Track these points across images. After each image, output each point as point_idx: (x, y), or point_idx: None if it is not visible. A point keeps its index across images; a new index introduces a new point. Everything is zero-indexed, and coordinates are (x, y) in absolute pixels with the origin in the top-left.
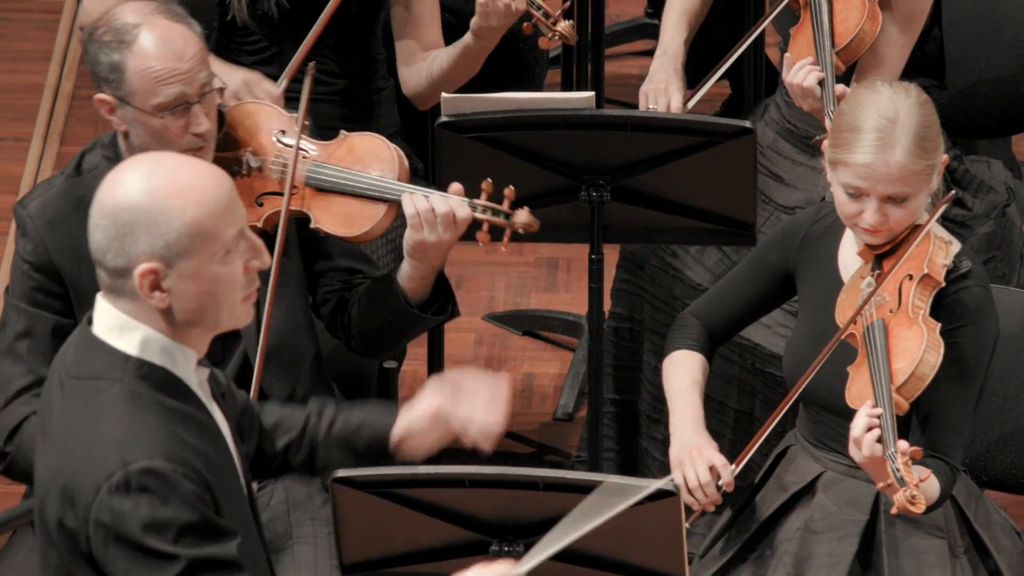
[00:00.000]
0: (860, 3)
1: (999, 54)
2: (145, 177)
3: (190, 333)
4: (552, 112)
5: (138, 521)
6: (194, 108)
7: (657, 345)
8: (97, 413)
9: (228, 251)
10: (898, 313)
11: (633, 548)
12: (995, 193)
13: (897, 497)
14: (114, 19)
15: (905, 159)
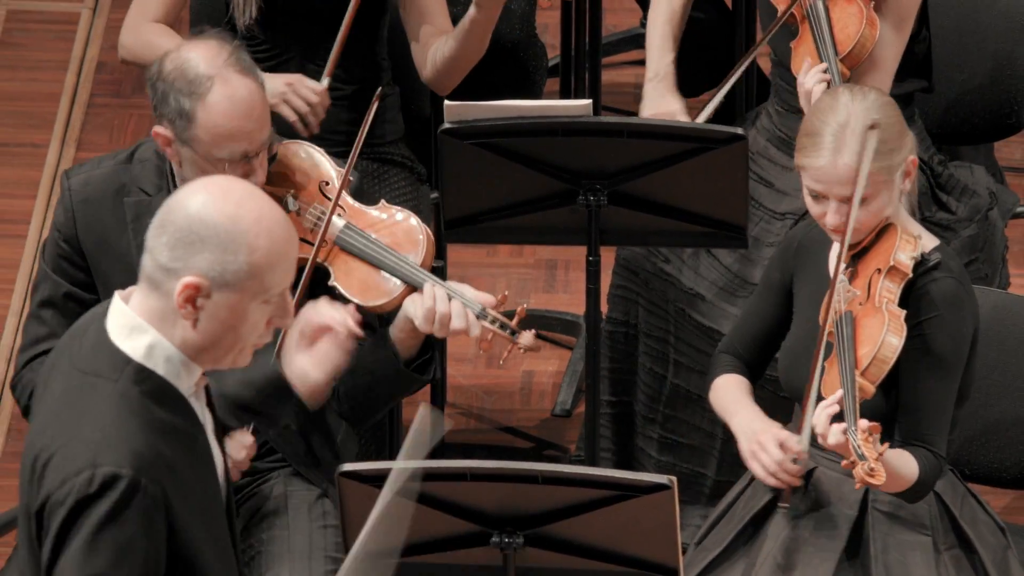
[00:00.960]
0: (858, 10)
1: (982, 64)
2: (235, 203)
3: (200, 356)
4: (551, 119)
5: (86, 523)
6: (253, 161)
7: (651, 348)
8: (86, 409)
9: (266, 302)
10: (866, 304)
11: (629, 539)
12: (978, 197)
13: (856, 471)
14: (188, 67)
15: (853, 160)
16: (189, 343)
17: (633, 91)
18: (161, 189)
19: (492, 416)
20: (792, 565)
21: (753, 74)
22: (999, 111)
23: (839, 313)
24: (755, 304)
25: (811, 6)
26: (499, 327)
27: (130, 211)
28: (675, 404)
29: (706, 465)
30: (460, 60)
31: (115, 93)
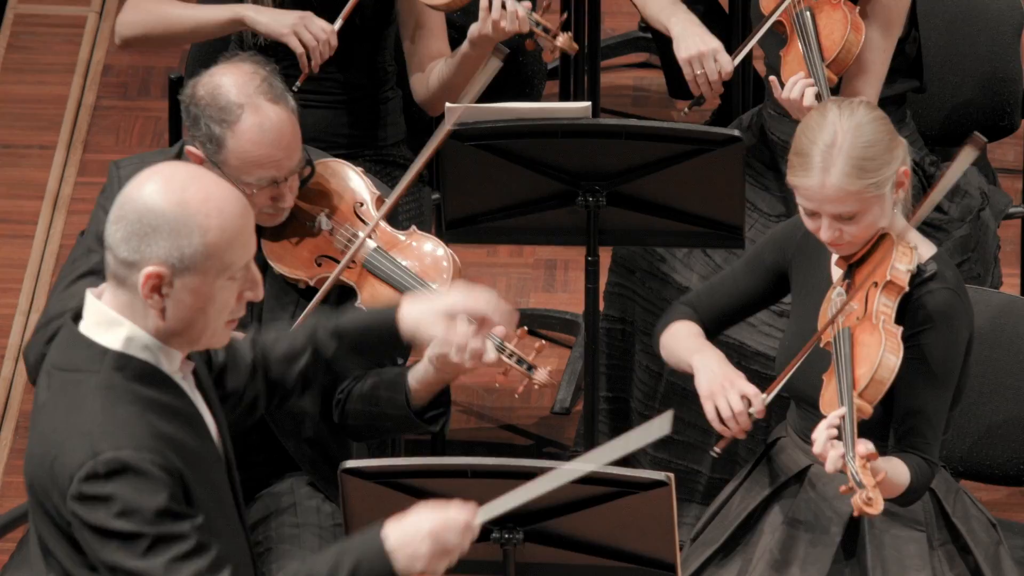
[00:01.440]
0: (843, 16)
1: (975, 67)
2: (180, 188)
3: (172, 340)
4: (550, 121)
5: (106, 507)
6: (282, 186)
7: (648, 345)
8: (75, 405)
9: (231, 277)
10: (863, 320)
11: (627, 535)
12: (970, 197)
13: (855, 500)
14: (219, 94)
15: (841, 181)
16: (162, 330)
17: (631, 93)
18: None
19: (493, 414)
20: (788, 561)
21: (750, 79)
22: (992, 113)
23: (838, 328)
24: (736, 276)
25: (798, 14)
26: (516, 361)
27: None
28: (671, 401)
29: (701, 462)
30: (452, 88)
31: (121, 96)
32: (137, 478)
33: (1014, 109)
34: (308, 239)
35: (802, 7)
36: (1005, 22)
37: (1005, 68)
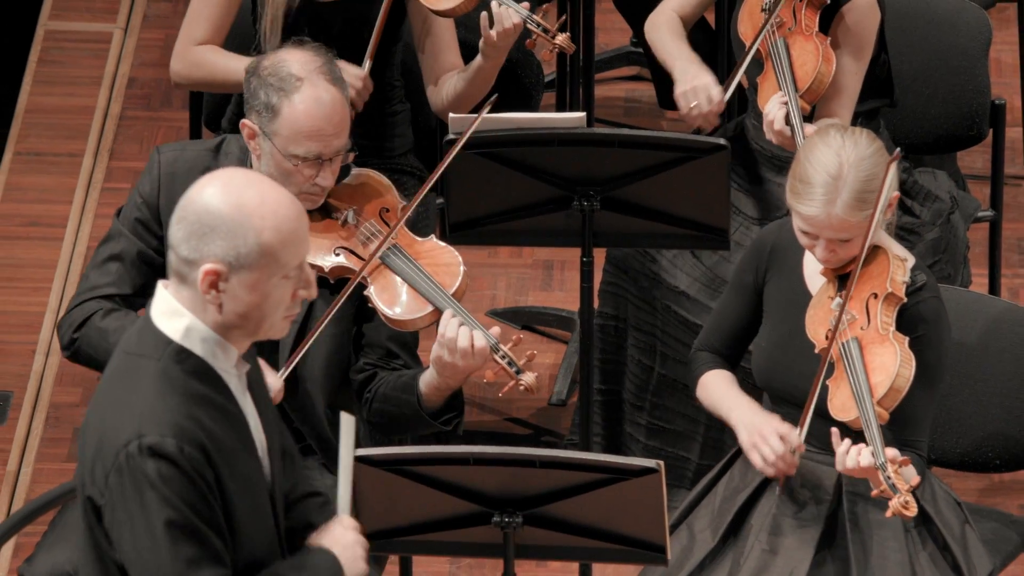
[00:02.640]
0: (814, 48)
1: (946, 79)
2: (237, 191)
3: (231, 333)
4: (547, 131)
5: (138, 489)
6: (324, 164)
7: (639, 341)
8: (132, 387)
9: (286, 276)
10: (869, 330)
11: (620, 519)
12: (940, 202)
13: (893, 503)
14: (281, 65)
15: (845, 213)
16: (220, 324)
17: (624, 104)
18: None
19: (493, 405)
20: (775, 551)
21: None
22: (961, 124)
23: (844, 337)
24: (728, 303)
25: (773, 44)
26: (507, 363)
27: None
28: (661, 392)
29: (690, 450)
30: (467, 99)
31: (145, 107)
32: (171, 469)
33: (982, 120)
34: (333, 230)
35: (777, 38)
36: (974, 38)
37: (974, 81)
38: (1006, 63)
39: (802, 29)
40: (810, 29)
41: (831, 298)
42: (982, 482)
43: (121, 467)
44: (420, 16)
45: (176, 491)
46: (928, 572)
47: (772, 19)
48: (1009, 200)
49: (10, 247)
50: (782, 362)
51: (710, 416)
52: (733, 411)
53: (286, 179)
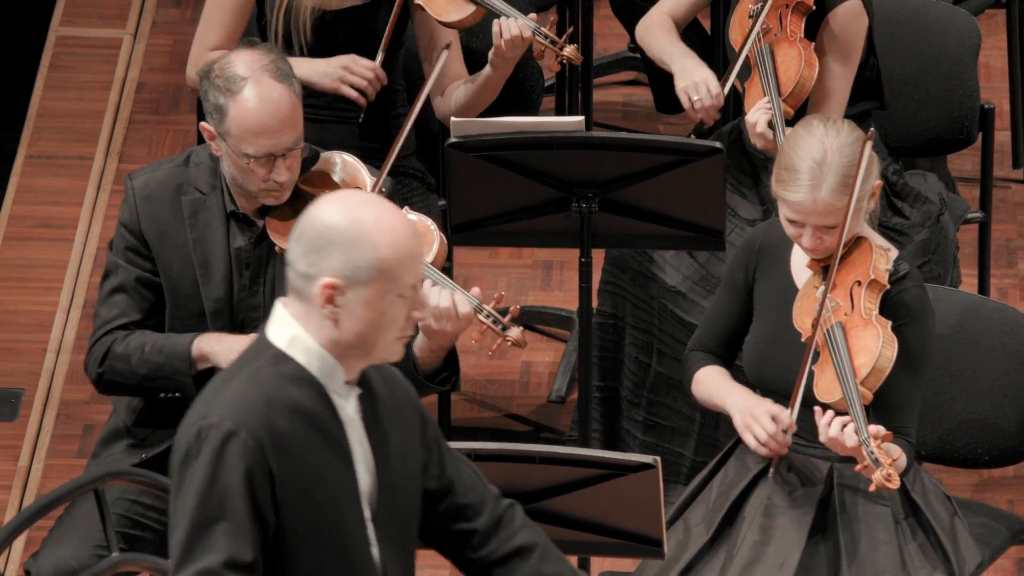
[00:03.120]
0: (797, 54)
1: (936, 84)
2: (356, 208)
3: (345, 354)
4: (547, 134)
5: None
6: (277, 161)
7: (637, 339)
8: (224, 385)
9: (400, 295)
10: (852, 315)
11: (618, 513)
12: (930, 204)
13: (875, 476)
14: (227, 67)
15: (830, 197)
16: (334, 341)
17: (622, 109)
18: (215, 188)
19: (494, 402)
20: (767, 541)
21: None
22: (951, 127)
23: (828, 323)
24: (721, 304)
25: (759, 50)
26: (492, 321)
27: (187, 208)
28: (658, 390)
29: (685, 446)
30: (474, 107)
31: (153, 111)
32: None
33: (972, 123)
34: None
35: (763, 43)
36: (964, 44)
37: (964, 86)
38: (995, 68)
39: (787, 35)
40: (795, 35)
41: (816, 288)
42: (971, 478)
43: (182, 448)
44: (426, 27)
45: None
46: (917, 563)
47: (759, 25)
48: (998, 202)
49: (22, 248)
50: (772, 355)
51: (705, 413)
52: (727, 397)
53: (244, 178)
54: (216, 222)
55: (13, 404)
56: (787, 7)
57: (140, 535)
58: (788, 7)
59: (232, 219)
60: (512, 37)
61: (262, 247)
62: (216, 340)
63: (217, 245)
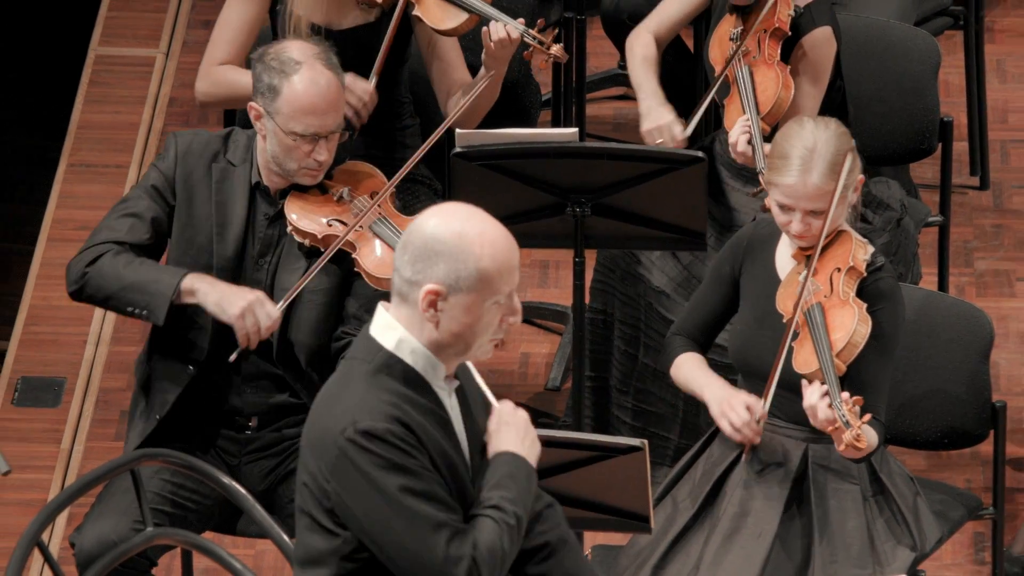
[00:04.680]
0: (775, 75)
1: (900, 98)
2: (461, 221)
3: (444, 351)
4: (544, 144)
5: (362, 470)
6: (320, 141)
7: (625, 333)
8: (346, 385)
9: (497, 302)
10: (831, 298)
11: (609, 492)
12: (891, 210)
13: (845, 436)
14: (283, 51)
15: (820, 181)
16: (434, 342)
17: (612, 121)
18: (245, 161)
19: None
20: (746, 513)
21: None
22: (914, 138)
23: (808, 304)
24: (706, 294)
25: (739, 70)
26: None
27: (217, 174)
28: (645, 379)
29: (670, 430)
30: (476, 108)
31: (184, 123)
32: (386, 445)
33: (932, 134)
34: (328, 204)
35: (743, 65)
36: (925, 61)
37: (925, 101)
38: (953, 84)
39: (765, 58)
40: (772, 58)
41: (799, 273)
42: (931, 459)
43: (343, 452)
44: (426, 39)
45: (398, 462)
46: (883, 537)
47: (739, 49)
48: (956, 207)
49: (64, 248)
50: (755, 340)
51: (688, 399)
52: (704, 388)
53: (287, 155)
54: (240, 191)
55: (56, 391)
56: (765, 32)
57: (172, 511)
58: (766, 32)
59: (256, 191)
60: (501, 38)
61: (276, 226)
62: (210, 282)
63: (237, 211)
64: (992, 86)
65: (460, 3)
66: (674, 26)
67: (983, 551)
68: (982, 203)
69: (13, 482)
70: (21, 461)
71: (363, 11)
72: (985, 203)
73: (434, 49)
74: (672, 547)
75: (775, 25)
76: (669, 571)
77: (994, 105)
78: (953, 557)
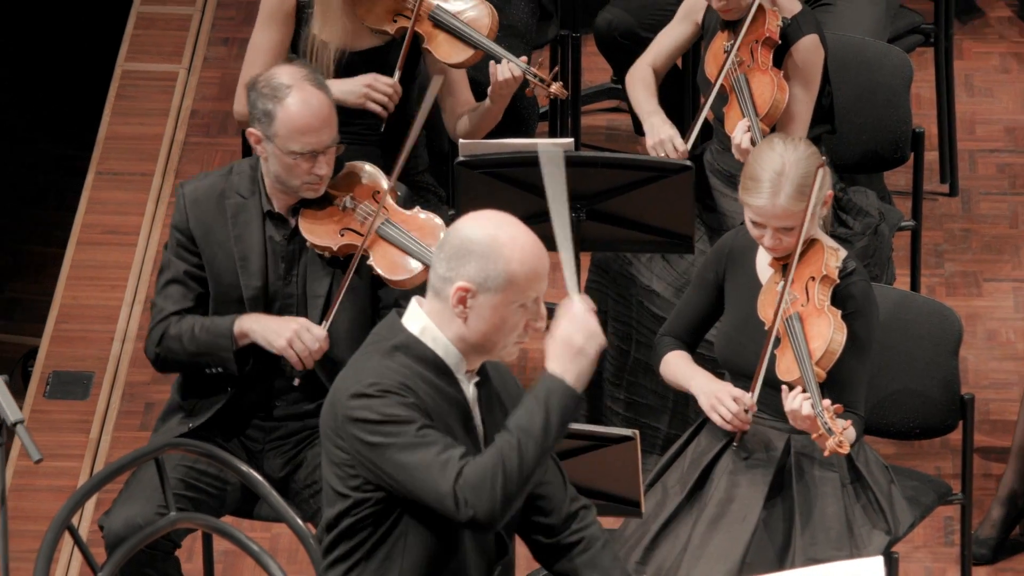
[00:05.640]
0: (770, 80)
1: (874, 111)
2: (496, 226)
3: (468, 348)
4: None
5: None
6: (319, 156)
7: (618, 330)
8: (364, 359)
9: (523, 306)
10: (808, 306)
11: (602, 479)
12: (870, 217)
13: (828, 443)
14: (272, 78)
15: (787, 203)
16: (462, 338)
17: (606, 132)
18: (254, 192)
19: None
20: (731, 499)
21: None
22: (888, 148)
23: (788, 313)
24: (692, 298)
25: (735, 79)
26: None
27: (230, 210)
28: (636, 373)
29: (660, 421)
30: (479, 132)
31: (204, 134)
32: (392, 397)
33: (904, 144)
34: (335, 215)
35: (738, 73)
36: (898, 76)
37: (898, 113)
38: (925, 97)
39: (759, 65)
40: (765, 65)
41: (777, 283)
42: (904, 448)
43: (353, 413)
44: (435, 66)
45: (407, 409)
46: (860, 521)
47: (733, 56)
48: (927, 212)
49: (93, 251)
50: (740, 342)
51: (677, 393)
52: (692, 381)
53: (289, 173)
54: (254, 221)
55: (85, 385)
56: (757, 42)
57: (194, 496)
58: (758, 42)
59: (268, 218)
60: (505, 79)
61: (295, 242)
62: (255, 320)
63: (255, 240)
64: (961, 99)
65: (467, 40)
66: (669, 57)
67: (952, 534)
68: (951, 209)
69: (45, 469)
70: (52, 450)
71: (380, 34)
72: (954, 209)
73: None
74: (662, 531)
75: (766, 35)
76: (659, 553)
77: (962, 117)
78: (925, 540)
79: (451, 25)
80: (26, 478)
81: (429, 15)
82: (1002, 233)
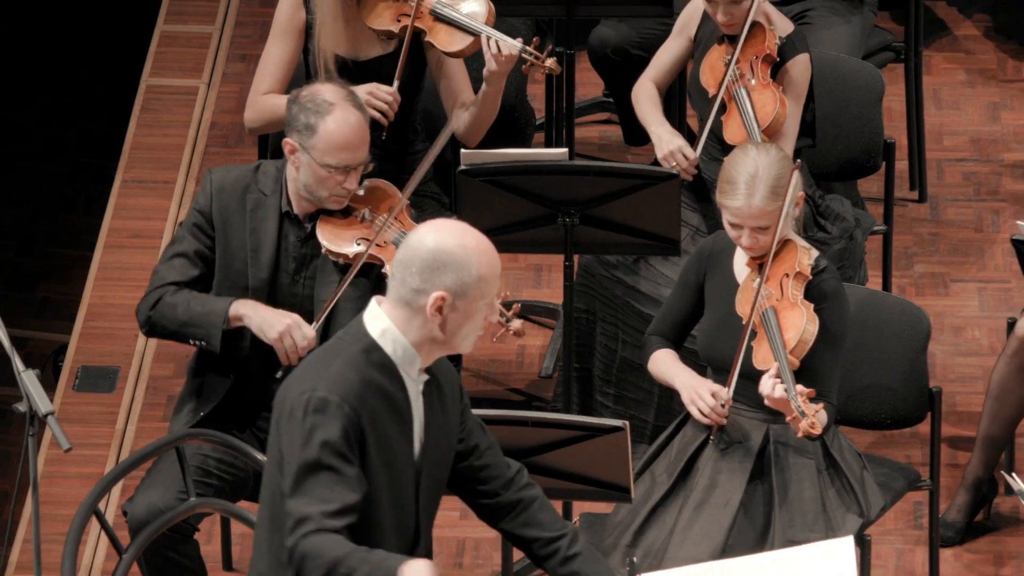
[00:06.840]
0: (772, 95)
1: (849, 123)
2: (459, 236)
3: (431, 347)
4: (537, 162)
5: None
6: (351, 172)
7: (606, 328)
8: (325, 360)
9: (487, 303)
10: (782, 301)
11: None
12: (847, 222)
13: (801, 425)
14: (316, 94)
15: (762, 203)
16: (430, 339)
17: (597, 142)
18: (275, 191)
19: (495, 377)
20: (715, 485)
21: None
22: (861, 157)
23: (763, 308)
24: (675, 298)
25: (736, 91)
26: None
27: (250, 204)
28: (624, 369)
29: (647, 413)
30: (480, 122)
31: (223, 145)
32: (330, 415)
33: (877, 154)
34: (354, 226)
35: (739, 86)
36: (871, 90)
37: (870, 124)
38: (895, 110)
39: (760, 80)
40: (766, 79)
41: (753, 280)
42: (876, 438)
43: (293, 411)
44: (436, 62)
45: (334, 428)
46: (835, 504)
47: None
48: (898, 217)
49: (118, 254)
50: (720, 338)
51: (662, 388)
52: (676, 377)
53: (320, 184)
54: (272, 218)
55: (111, 379)
56: (756, 57)
57: (212, 483)
58: (758, 58)
59: (285, 218)
60: (502, 55)
61: (307, 246)
62: (252, 307)
63: (269, 236)
64: (929, 112)
65: (465, 28)
66: (669, 72)
67: (921, 518)
68: (920, 214)
69: (74, 458)
70: (81, 440)
71: (383, 43)
72: (923, 214)
73: (443, 69)
74: (650, 516)
75: (765, 52)
76: (648, 536)
77: (931, 129)
78: (895, 523)
79: (450, 17)
80: (56, 466)
81: (430, 11)
82: (968, 237)
